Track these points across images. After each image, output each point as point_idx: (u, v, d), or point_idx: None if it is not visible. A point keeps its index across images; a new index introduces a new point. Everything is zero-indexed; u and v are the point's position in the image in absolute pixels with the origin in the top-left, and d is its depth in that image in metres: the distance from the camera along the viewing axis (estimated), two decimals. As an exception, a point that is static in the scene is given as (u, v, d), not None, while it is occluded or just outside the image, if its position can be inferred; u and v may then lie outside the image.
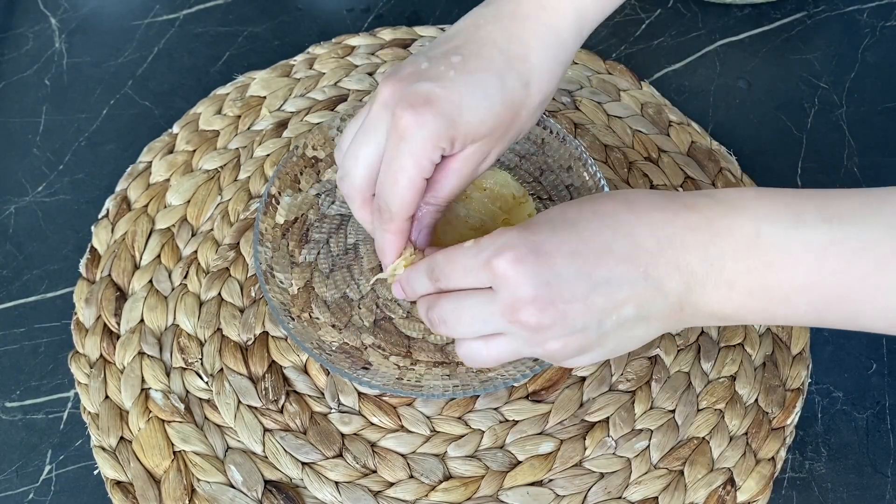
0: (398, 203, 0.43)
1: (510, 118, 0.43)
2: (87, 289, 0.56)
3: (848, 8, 0.73)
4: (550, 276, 0.38)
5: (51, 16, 0.71)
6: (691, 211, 0.39)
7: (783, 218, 0.38)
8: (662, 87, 0.68)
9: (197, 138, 0.63)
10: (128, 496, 0.50)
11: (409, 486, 0.50)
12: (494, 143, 0.44)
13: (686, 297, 0.39)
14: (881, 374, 0.55)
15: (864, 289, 0.37)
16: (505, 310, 0.39)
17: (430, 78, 0.42)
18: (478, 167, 0.45)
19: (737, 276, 0.38)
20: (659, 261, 0.38)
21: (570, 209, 0.40)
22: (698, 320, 0.40)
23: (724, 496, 0.50)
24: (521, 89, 0.43)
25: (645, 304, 0.39)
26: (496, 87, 0.42)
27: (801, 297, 0.38)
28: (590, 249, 0.38)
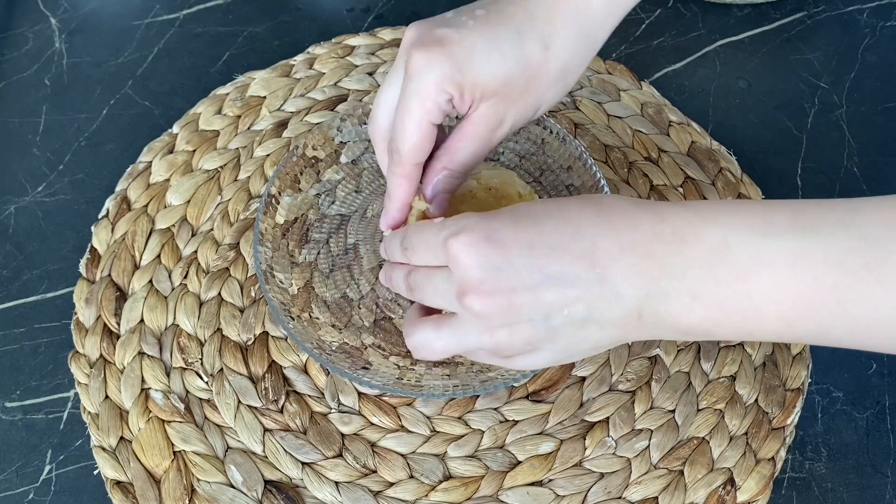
0: (406, 146, 0.43)
1: (525, 79, 0.43)
2: (87, 289, 0.56)
3: (848, 8, 0.73)
4: (501, 262, 0.38)
5: (51, 16, 0.71)
6: (660, 220, 0.38)
7: (753, 227, 0.37)
8: (662, 87, 0.68)
9: (197, 138, 0.63)
10: (128, 496, 0.50)
11: (409, 486, 0.50)
12: (508, 105, 0.44)
13: (645, 305, 0.38)
14: (881, 374, 0.55)
15: (836, 300, 0.35)
16: (456, 291, 0.39)
17: (449, 24, 0.42)
18: (493, 132, 0.44)
19: (702, 287, 0.37)
20: (619, 265, 0.37)
21: (538, 205, 0.40)
22: (660, 332, 0.39)
23: (724, 496, 0.50)
24: (539, 50, 0.43)
25: (597, 306, 0.38)
26: (512, 42, 0.42)
27: (771, 309, 0.36)
28: (546, 243, 0.38)
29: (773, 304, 0.36)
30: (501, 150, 0.59)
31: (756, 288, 0.36)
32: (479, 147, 0.44)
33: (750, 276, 0.36)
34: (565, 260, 0.38)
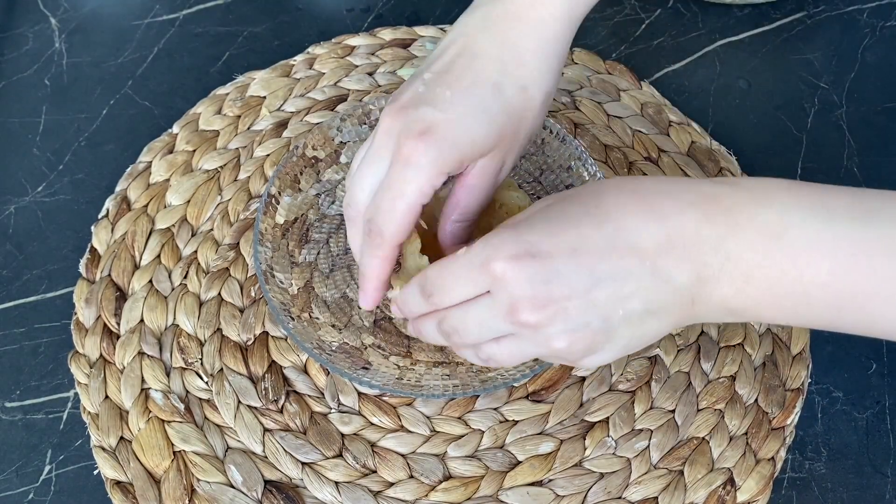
0: (393, 228, 0.42)
1: (514, 125, 0.43)
2: (87, 289, 0.56)
3: (848, 8, 0.73)
4: (548, 274, 0.37)
5: (51, 16, 0.71)
6: (709, 201, 0.37)
7: (812, 212, 0.36)
8: (662, 87, 0.68)
9: (197, 138, 0.63)
10: (128, 496, 0.50)
11: (409, 486, 0.50)
12: (506, 152, 0.44)
13: (698, 291, 0.37)
14: (881, 374, 0.55)
15: (891, 292, 0.35)
16: (505, 312, 0.38)
17: (429, 102, 0.42)
18: (495, 178, 0.45)
19: (754, 270, 0.36)
20: (669, 254, 0.37)
21: (571, 203, 0.39)
22: (712, 314, 0.39)
23: (724, 496, 0.50)
24: (519, 94, 0.43)
25: (653, 298, 0.37)
26: (493, 99, 0.42)
27: (821, 295, 0.36)
28: (591, 245, 0.37)
29: (826, 290, 0.36)
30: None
31: (811, 274, 0.36)
32: (486, 194, 0.45)
33: (806, 262, 0.36)
34: (613, 258, 0.37)
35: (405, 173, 0.41)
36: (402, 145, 0.41)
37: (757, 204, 0.37)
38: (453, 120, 0.41)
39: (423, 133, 0.41)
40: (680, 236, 0.37)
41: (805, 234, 0.36)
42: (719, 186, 0.38)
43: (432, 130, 0.41)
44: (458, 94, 0.42)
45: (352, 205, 0.45)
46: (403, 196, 0.42)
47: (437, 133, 0.41)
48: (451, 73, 0.42)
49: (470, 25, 0.44)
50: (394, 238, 0.43)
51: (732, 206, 0.37)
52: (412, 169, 0.41)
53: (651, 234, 0.37)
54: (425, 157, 0.41)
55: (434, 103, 0.42)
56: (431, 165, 0.41)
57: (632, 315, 0.38)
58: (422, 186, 0.41)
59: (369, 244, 0.44)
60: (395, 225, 0.42)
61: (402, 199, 0.42)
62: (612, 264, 0.37)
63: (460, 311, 0.40)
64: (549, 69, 0.44)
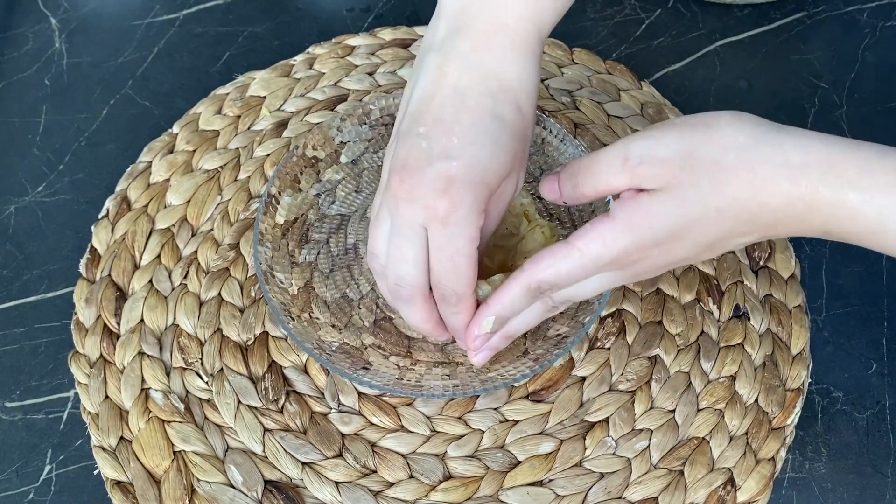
0: (465, 284, 0.44)
1: (521, 144, 0.44)
2: (87, 289, 0.56)
3: (848, 8, 0.73)
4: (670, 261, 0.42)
5: (51, 16, 0.71)
6: (808, 207, 0.39)
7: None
8: (662, 87, 0.68)
9: (197, 138, 0.63)
10: (128, 496, 0.50)
11: (409, 486, 0.50)
12: (519, 171, 0.45)
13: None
14: (881, 374, 0.55)
15: None
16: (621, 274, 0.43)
17: (440, 156, 0.41)
18: (512, 197, 0.46)
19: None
20: (777, 228, 0.40)
21: (691, 207, 0.40)
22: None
23: (724, 496, 0.50)
24: (517, 115, 0.43)
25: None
26: (500, 130, 0.42)
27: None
28: (708, 243, 0.41)
29: None
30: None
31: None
32: (502, 215, 0.46)
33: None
34: (727, 244, 0.41)
35: (452, 231, 0.42)
36: (434, 208, 0.41)
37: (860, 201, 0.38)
38: (472, 163, 0.41)
39: (449, 187, 0.41)
40: (798, 219, 0.39)
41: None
42: (814, 184, 0.39)
43: (457, 180, 0.41)
44: (465, 138, 0.42)
45: (402, 285, 0.45)
46: (460, 252, 0.42)
47: (462, 181, 0.41)
48: (447, 120, 0.42)
49: (446, 66, 0.43)
50: (469, 291, 0.44)
51: (831, 210, 0.39)
52: (455, 225, 0.42)
53: (765, 220, 0.40)
54: (463, 207, 0.41)
55: (447, 155, 0.41)
56: (470, 212, 0.42)
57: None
58: (471, 235, 0.42)
59: (450, 307, 0.45)
60: (466, 280, 0.43)
61: (461, 256, 0.43)
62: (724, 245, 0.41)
63: (575, 287, 0.44)
64: (530, 77, 0.44)
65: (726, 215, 0.39)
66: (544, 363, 0.49)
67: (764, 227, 0.40)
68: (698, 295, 0.56)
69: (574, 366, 0.54)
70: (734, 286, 0.57)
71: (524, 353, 0.51)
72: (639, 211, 0.40)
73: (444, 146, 0.41)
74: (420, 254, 0.43)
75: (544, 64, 0.67)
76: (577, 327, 0.50)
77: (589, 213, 0.55)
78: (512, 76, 0.43)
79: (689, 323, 0.55)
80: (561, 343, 0.50)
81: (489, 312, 0.45)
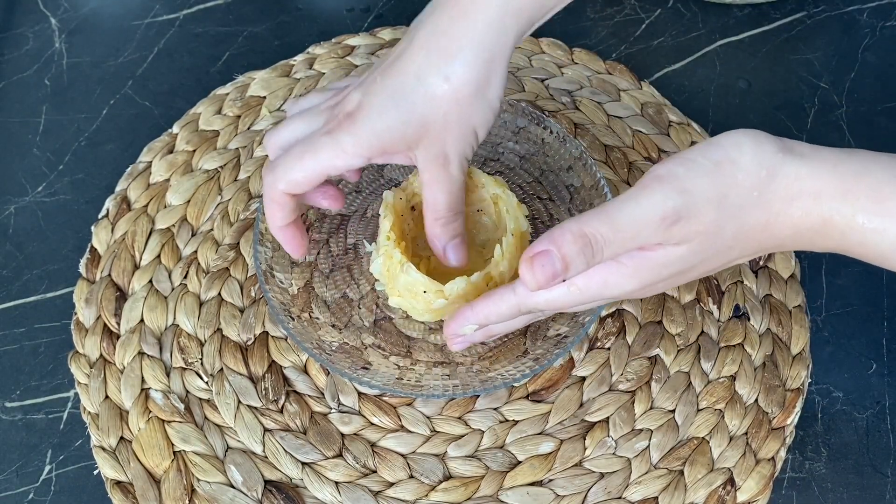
0: (290, 175, 0.45)
1: (440, 115, 0.44)
2: (87, 289, 0.56)
3: (848, 8, 0.73)
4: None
5: (51, 16, 0.71)
6: (820, 235, 0.39)
7: None
8: (662, 87, 0.68)
9: (197, 138, 0.63)
10: (128, 496, 0.50)
11: (409, 486, 0.50)
12: (439, 142, 0.45)
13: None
14: (881, 374, 0.55)
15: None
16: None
17: (362, 87, 0.45)
18: (445, 169, 0.45)
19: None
20: (780, 248, 0.41)
21: (705, 253, 0.40)
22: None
23: (724, 496, 0.50)
24: (442, 84, 0.43)
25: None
26: (413, 89, 0.43)
27: None
28: (709, 270, 0.42)
29: None
30: (502, 150, 0.59)
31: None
32: (445, 187, 0.46)
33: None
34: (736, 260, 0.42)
35: (324, 140, 0.45)
36: (331, 119, 0.45)
37: (870, 232, 0.39)
38: (375, 106, 0.44)
39: (350, 115, 0.44)
40: (808, 242, 0.41)
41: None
42: (822, 224, 0.40)
43: (356, 114, 0.44)
44: (385, 82, 0.44)
45: (269, 141, 0.48)
46: (315, 157, 0.45)
47: (359, 116, 0.44)
48: (388, 63, 0.45)
49: (422, 16, 0.45)
50: (284, 183, 0.46)
51: (841, 241, 0.40)
52: (331, 141, 0.44)
53: (781, 242, 0.41)
54: (346, 136, 0.44)
55: (364, 89, 0.44)
56: (349, 145, 0.44)
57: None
58: (333, 158, 0.44)
59: (266, 179, 0.47)
60: (293, 173, 0.45)
61: (312, 158, 0.45)
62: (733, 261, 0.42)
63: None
64: (481, 60, 0.43)
65: (734, 248, 0.40)
66: (544, 363, 0.49)
67: (766, 250, 0.41)
68: (698, 295, 0.56)
69: (574, 366, 0.54)
70: (734, 286, 0.57)
71: (524, 353, 0.51)
72: (649, 261, 0.40)
73: (369, 82, 0.45)
74: (296, 138, 0.46)
75: (544, 64, 0.67)
76: (577, 327, 0.50)
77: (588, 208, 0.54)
78: (457, 46, 0.43)
79: (689, 323, 0.55)
80: (561, 343, 0.50)
81: (472, 321, 0.45)
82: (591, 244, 0.38)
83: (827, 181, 0.38)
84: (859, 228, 0.38)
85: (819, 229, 0.39)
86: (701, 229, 0.39)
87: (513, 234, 0.49)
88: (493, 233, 0.54)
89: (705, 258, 0.40)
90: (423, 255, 0.54)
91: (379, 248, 0.50)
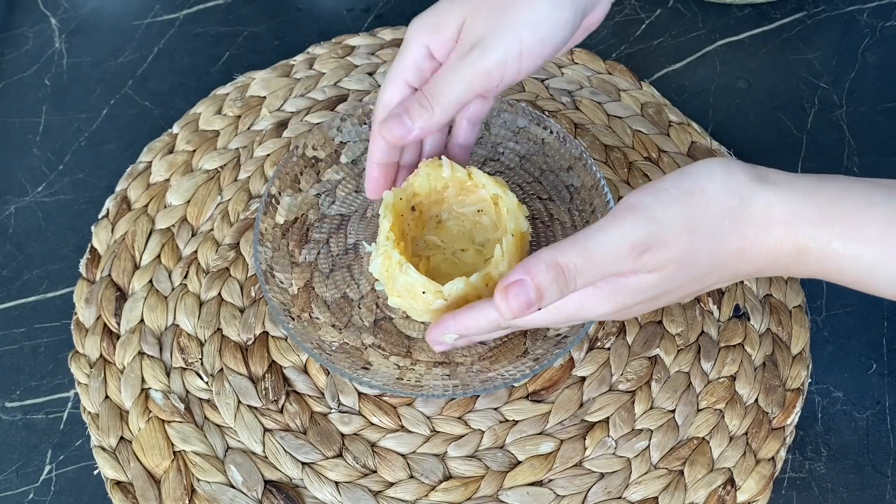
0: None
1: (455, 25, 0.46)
2: (87, 289, 0.56)
3: (848, 8, 0.73)
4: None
5: (51, 16, 0.71)
6: (795, 261, 0.40)
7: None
8: (662, 87, 0.68)
9: (197, 138, 0.63)
10: (128, 496, 0.50)
11: (409, 486, 0.50)
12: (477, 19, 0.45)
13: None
14: (881, 374, 0.55)
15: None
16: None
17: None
18: (466, 56, 0.45)
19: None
20: (757, 275, 0.41)
21: (680, 280, 0.41)
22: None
23: (724, 496, 0.50)
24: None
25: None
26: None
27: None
28: (684, 295, 0.42)
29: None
30: (502, 150, 0.59)
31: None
32: (461, 74, 0.46)
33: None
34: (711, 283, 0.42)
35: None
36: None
37: (846, 258, 0.39)
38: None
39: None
40: (784, 269, 0.41)
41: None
42: (806, 250, 0.40)
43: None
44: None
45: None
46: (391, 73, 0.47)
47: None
48: None
49: None
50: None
51: (818, 267, 0.40)
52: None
53: (754, 271, 0.41)
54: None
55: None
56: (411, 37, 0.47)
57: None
58: (410, 38, 0.47)
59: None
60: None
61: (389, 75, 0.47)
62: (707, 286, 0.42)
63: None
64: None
65: (710, 274, 0.40)
66: (544, 363, 0.49)
67: (744, 276, 0.41)
68: (698, 295, 0.56)
69: (574, 366, 0.54)
70: (734, 286, 0.57)
71: (524, 353, 0.51)
72: (624, 287, 0.41)
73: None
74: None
75: (544, 64, 0.67)
76: (577, 327, 0.50)
77: (589, 213, 0.55)
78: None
79: (689, 323, 0.55)
80: (561, 343, 0.50)
81: (453, 331, 0.45)
82: (563, 273, 0.39)
83: (801, 209, 0.39)
84: (835, 255, 0.39)
85: (795, 256, 0.39)
86: (672, 257, 0.39)
87: (513, 235, 0.49)
88: (493, 233, 0.54)
89: (680, 284, 0.41)
90: (422, 255, 0.54)
91: (378, 249, 0.50)
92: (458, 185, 0.53)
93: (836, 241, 0.38)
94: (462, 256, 0.54)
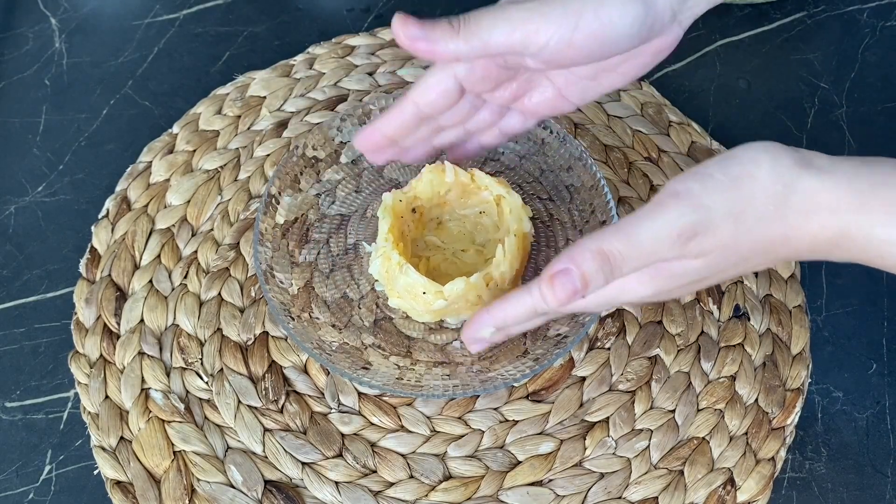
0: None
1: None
2: (87, 289, 0.56)
3: (848, 8, 0.73)
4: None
5: (51, 16, 0.71)
6: (834, 248, 0.39)
7: None
8: (662, 87, 0.68)
9: (197, 138, 0.63)
10: (128, 496, 0.50)
11: (409, 486, 0.50)
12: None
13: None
14: (881, 374, 0.55)
15: None
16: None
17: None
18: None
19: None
20: (795, 258, 0.42)
21: (722, 264, 0.40)
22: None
23: (724, 496, 0.50)
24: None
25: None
26: None
27: None
28: (724, 279, 0.42)
29: None
30: (502, 150, 0.59)
31: None
32: (508, 13, 0.41)
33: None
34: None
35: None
36: None
37: (882, 252, 0.39)
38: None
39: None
40: (824, 253, 0.40)
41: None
42: (835, 240, 0.40)
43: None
44: None
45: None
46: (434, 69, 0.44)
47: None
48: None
49: None
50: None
51: (852, 256, 0.40)
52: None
53: (798, 254, 0.41)
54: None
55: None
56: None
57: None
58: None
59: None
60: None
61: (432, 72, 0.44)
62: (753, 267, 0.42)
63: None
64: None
65: (751, 259, 0.40)
66: (544, 363, 0.49)
67: (784, 260, 0.41)
68: (698, 295, 0.56)
69: (574, 366, 0.54)
70: (734, 286, 0.57)
71: (524, 353, 0.51)
72: (666, 271, 0.40)
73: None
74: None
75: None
76: (577, 327, 0.50)
77: (589, 213, 0.55)
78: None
79: (689, 323, 0.55)
80: (561, 343, 0.50)
81: (490, 323, 0.44)
82: (609, 261, 0.38)
83: (844, 195, 0.38)
84: (878, 241, 0.38)
85: (837, 242, 0.39)
86: (718, 243, 0.39)
87: (514, 235, 0.50)
88: (494, 233, 0.54)
89: (723, 269, 0.41)
90: (422, 255, 0.54)
91: (378, 250, 0.50)
92: (460, 188, 0.53)
93: (879, 227, 0.38)
94: (462, 257, 0.54)
